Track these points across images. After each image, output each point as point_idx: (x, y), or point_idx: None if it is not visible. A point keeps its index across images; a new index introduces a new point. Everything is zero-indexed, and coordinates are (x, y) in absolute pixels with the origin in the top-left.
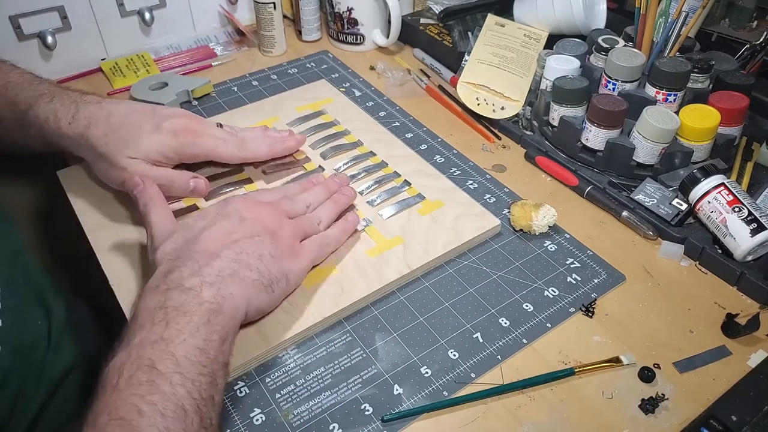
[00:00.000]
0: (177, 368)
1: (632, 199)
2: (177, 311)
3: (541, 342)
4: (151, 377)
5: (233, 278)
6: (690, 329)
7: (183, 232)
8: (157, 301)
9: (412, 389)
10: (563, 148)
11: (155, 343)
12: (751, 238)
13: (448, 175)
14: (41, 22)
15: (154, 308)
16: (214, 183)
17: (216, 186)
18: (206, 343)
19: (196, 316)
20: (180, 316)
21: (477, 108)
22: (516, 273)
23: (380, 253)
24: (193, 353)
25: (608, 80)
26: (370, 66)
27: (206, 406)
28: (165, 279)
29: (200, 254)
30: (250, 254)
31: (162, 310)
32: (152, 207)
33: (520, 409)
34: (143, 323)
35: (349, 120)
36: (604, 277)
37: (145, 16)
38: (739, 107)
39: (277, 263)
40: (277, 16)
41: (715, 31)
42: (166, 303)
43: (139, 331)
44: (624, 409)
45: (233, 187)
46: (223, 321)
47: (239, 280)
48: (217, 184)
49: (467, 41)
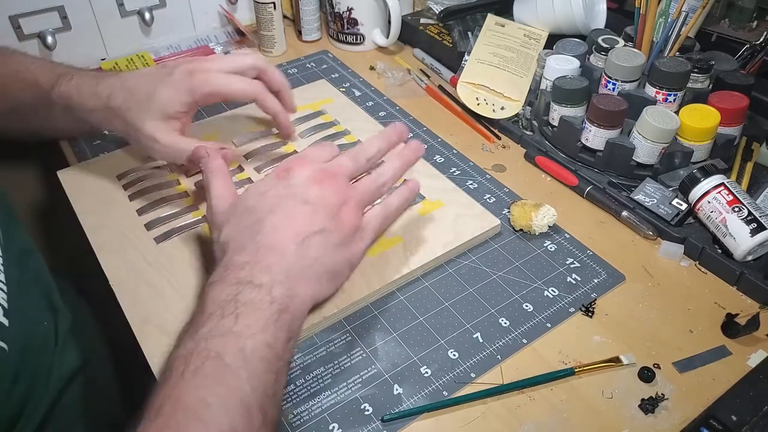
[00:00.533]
0: (244, 363)
1: (632, 199)
2: (247, 306)
3: (541, 342)
4: (217, 369)
5: (300, 278)
6: (690, 329)
7: (245, 216)
8: (227, 294)
9: (411, 389)
10: (563, 148)
11: (224, 335)
12: (750, 238)
13: (448, 175)
14: (41, 22)
15: (224, 301)
16: None
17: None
18: (274, 340)
19: (266, 312)
20: (250, 312)
21: (477, 108)
22: (516, 273)
23: (380, 253)
24: (261, 349)
25: (608, 80)
26: (370, 66)
27: (269, 403)
28: (235, 273)
29: (267, 250)
30: (317, 249)
31: (232, 303)
32: (214, 178)
33: (520, 409)
34: (211, 314)
35: (349, 120)
36: (604, 277)
37: (145, 16)
38: (739, 107)
39: (341, 252)
40: (277, 16)
41: (715, 31)
42: (237, 297)
43: (207, 322)
44: (624, 409)
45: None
46: (290, 320)
47: (306, 279)
48: None
49: (467, 41)
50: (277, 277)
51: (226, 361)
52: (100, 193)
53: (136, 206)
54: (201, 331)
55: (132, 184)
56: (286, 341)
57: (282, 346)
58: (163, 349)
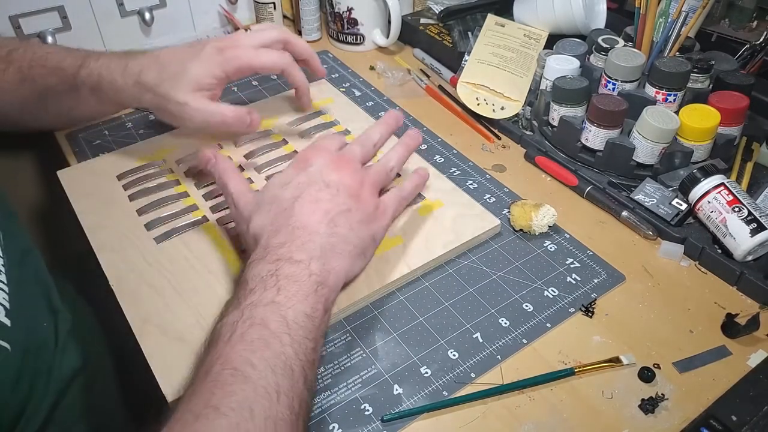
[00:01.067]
0: (287, 329)
1: (632, 199)
2: (288, 279)
3: (541, 342)
4: (262, 335)
5: (333, 253)
6: (690, 329)
7: (273, 205)
8: (268, 270)
9: (411, 389)
10: (563, 148)
11: (267, 305)
12: (750, 238)
13: (448, 175)
14: (41, 22)
15: (265, 276)
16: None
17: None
18: (313, 310)
19: (305, 285)
20: (291, 284)
21: (477, 108)
22: (516, 273)
23: (380, 253)
24: (301, 318)
25: (608, 80)
26: (370, 66)
27: (310, 369)
28: (274, 251)
29: (300, 230)
30: (344, 227)
31: (273, 277)
32: (228, 178)
33: (520, 409)
34: (254, 288)
35: (349, 120)
36: (604, 277)
37: (145, 16)
38: (739, 107)
39: (365, 228)
40: (277, 16)
41: (715, 31)
42: (278, 272)
43: (251, 295)
44: (624, 409)
45: None
46: (327, 293)
47: (338, 254)
48: None
49: (467, 41)
50: (314, 254)
51: (271, 327)
52: (100, 193)
53: (136, 206)
54: (245, 303)
55: (132, 184)
56: (324, 312)
57: (320, 317)
58: (164, 349)
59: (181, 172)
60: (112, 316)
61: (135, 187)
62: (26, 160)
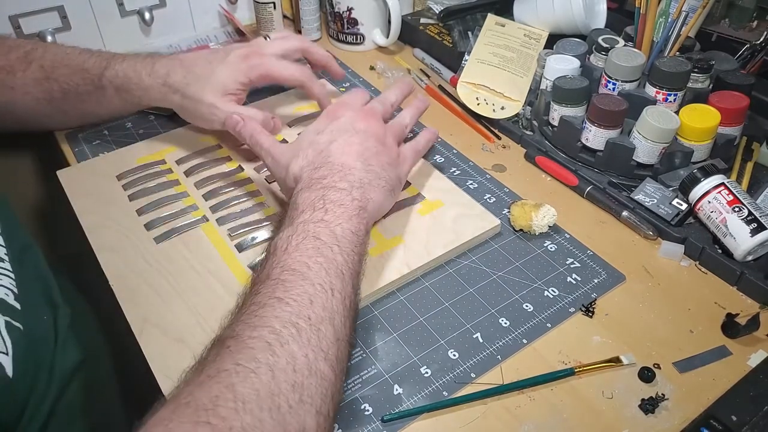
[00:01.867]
0: (336, 242)
1: (632, 199)
2: (334, 203)
3: (541, 342)
4: (315, 245)
5: (370, 186)
6: (690, 329)
7: (310, 150)
8: (316, 195)
9: (412, 389)
10: (563, 148)
11: (317, 222)
12: (751, 238)
13: (448, 175)
14: (41, 22)
15: (314, 200)
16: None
17: (221, 183)
18: (357, 229)
19: (349, 208)
20: (337, 207)
21: (477, 108)
22: (516, 273)
23: (380, 253)
24: (348, 234)
25: (608, 80)
26: (370, 66)
27: (356, 278)
28: (318, 182)
29: (339, 165)
30: (376, 165)
31: (321, 200)
32: (258, 136)
33: (520, 409)
34: (304, 210)
35: None
36: (604, 277)
37: (145, 15)
38: (739, 107)
39: (393, 169)
40: (277, 16)
41: (715, 31)
42: (324, 197)
43: (302, 215)
44: (624, 409)
45: (233, 187)
46: (367, 217)
47: (374, 187)
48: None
49: (467, 41)
50: (354, 184)
51: (322, 238)
52: (100, 193)
53: (135, 206)
54: (297, 221)
55: (132, 184)
56: (365, 233)
57: (362, 236)
58: (164, 349)
59: (181, 172)
60: (111, 314)
61: (135, 187)
62: (26, 160)
